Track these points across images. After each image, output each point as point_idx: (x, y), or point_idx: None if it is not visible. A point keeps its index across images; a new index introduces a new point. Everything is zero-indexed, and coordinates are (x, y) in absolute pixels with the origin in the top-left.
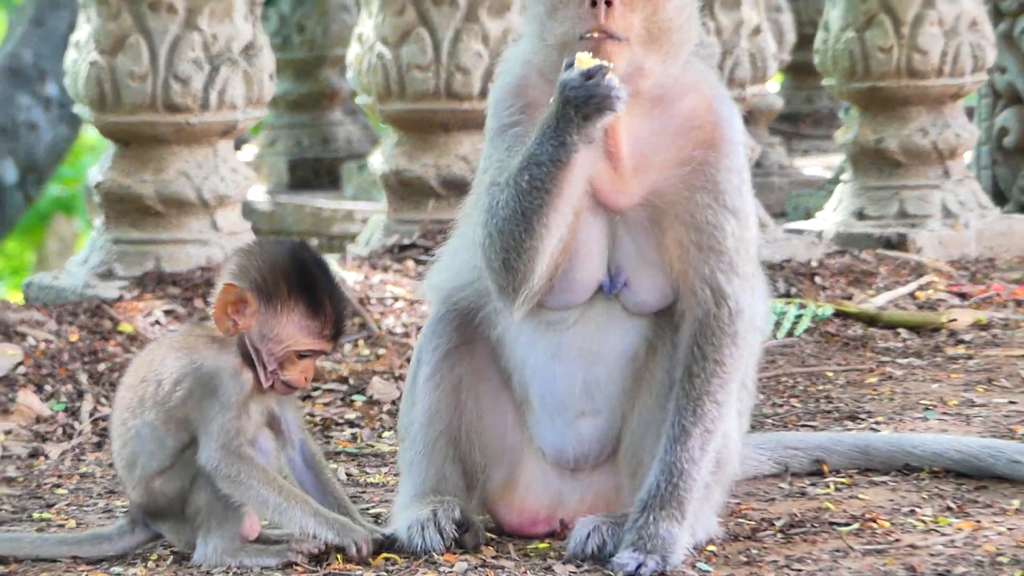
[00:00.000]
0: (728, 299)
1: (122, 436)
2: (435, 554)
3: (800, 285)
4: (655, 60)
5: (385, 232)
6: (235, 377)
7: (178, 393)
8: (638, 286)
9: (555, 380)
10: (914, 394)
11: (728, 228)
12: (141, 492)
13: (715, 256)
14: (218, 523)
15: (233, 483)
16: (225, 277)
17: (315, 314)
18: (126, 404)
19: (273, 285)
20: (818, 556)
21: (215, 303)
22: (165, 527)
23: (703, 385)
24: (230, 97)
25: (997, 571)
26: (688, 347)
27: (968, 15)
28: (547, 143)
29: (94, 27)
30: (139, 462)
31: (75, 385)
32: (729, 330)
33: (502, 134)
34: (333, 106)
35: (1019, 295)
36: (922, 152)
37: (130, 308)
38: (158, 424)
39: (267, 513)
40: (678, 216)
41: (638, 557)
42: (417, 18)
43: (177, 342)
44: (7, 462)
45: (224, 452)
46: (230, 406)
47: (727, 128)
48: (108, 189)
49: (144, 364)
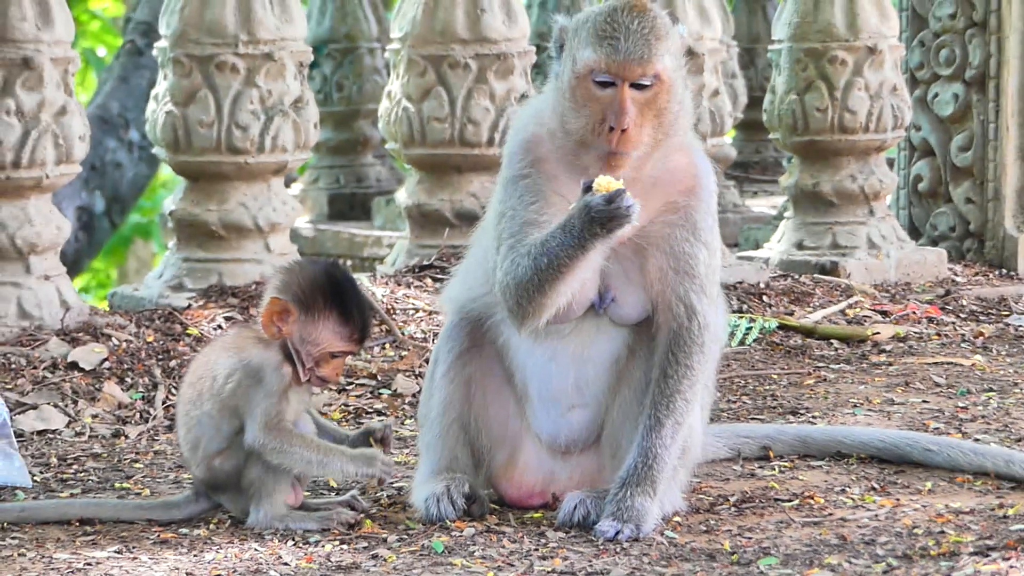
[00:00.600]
0: (698, 315)
1: (186, 424)
2: (447, 521)
3: (750, 303)
4: (656, 148)
5: (408, 255)
6: (277, 370)
7: (229, 385)
8: (623, 302)
9: (551, 379)
10: (844, 394)
11: (701, 257)
12: (203, 470)
13: (689, 279)
14: (268, 493)
15: (279, 453)
16: (271, 291)
17: (346, 321)
18: (188, 398)
19: (311, 298)
20: (765, 526)
21: (263, 312)
22: (224, 498)
23: (675, 384)
24: (281, 142)
25: (913, 540)
26: (664, 353)
27: (889, 82)
28: (570, 241)
29: (170, 83)
30: (201, 445)
31: (151, 378)
32: (698, 340)
33: (515, 183)
34: (366, 151)
35: (930, 313)
36: (851, 194)
37: (197, 315)
38: (215, 413)
39: (313, 469)
40: (659, 247)
41: (616, 525)
42: (436, 79)
43: (228, 343)
44: (94, 441)
45: (267, 429)
46: (272, 393)
47: (705, 180)
48: (180, 216)
49: (201, 364)
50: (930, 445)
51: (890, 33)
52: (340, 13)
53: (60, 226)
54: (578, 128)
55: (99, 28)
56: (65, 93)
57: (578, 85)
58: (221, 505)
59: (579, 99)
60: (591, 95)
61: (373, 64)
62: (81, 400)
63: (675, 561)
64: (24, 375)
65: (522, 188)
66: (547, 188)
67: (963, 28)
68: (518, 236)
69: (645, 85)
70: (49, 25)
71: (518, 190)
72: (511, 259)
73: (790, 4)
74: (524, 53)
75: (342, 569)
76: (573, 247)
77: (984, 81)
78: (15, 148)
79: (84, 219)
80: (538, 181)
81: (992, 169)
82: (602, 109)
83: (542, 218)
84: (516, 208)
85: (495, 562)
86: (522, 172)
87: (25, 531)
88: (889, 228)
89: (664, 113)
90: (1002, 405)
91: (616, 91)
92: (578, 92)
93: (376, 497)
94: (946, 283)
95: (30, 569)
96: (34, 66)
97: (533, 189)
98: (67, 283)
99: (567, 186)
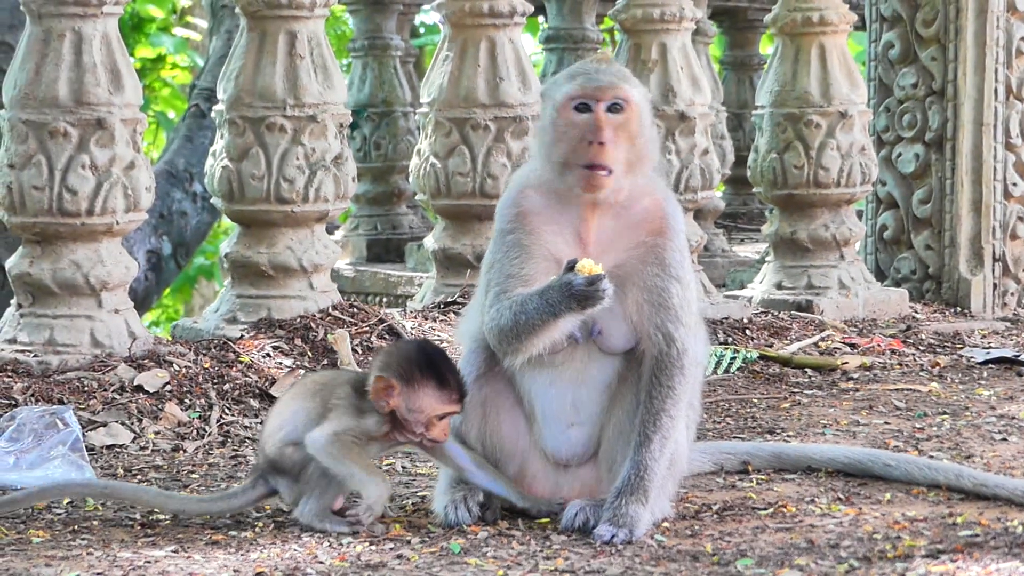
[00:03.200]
0: (676, 342)
1: (288, 410)
2: (464, 525)
3: (735, 335)
4: (628, 179)
5: (435, 293)
6: (377, 419)
7: (338, 398)
8: (609, 334)
9: (552, 400)
10: (816, 416)
11: (673, 291)
12: (276, 451)
13: (664, 311)
14: (320, 493)
15: (332, 458)
16: (375, 371)
17: (442, 387)
18: (300, 394)
19: (409, 372)
20: (743, 531)
21: (371, 390)
22: (282, 483)
23: (660, 404)
24: (323, 193)
25: (873, 544)
26: (648, 377)
27: (859, 143)
28: (547, 309)
29: (226, 141)
30: (285, 429)
31: (207, 399)
32: (678, 364)
33: (503, 237)
34: (400, 202)
35: (893, 346)
36: (824, 241)
37: (248, 344)
38: (313, 413)
39: (352, 483)
40: (635, 283)
41: (612, 530)
42: (460, 139)
43: (353, 383)
44: (156, 454)
45: (334, 436)
46: (359, 426)
47: (672, 220)
48: (234, 258)
49: (327, 378)
50: (889, 461)
51: (859, 100)
52: (378, 81)
53: (128, 266)
54: (561, 152)
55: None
56: (134, 150)
57: (558, 117)
58: (274, 493)
59: (560, 127)
60: (571, 121)
61: (407, 126)
62: (145, 419)
63: (663, 561)
64: (96, 397)
65: (508, 244)
66: (529, 241)
67: (923, 96)
68: (503, 287)
69: (619, 108)
70: (120, 90)
71: (505, 244)
72: (496, 308)
73: (772, 74)
74: (537, 116)
75: (371, 567)
76: (548, 314)
77: (942, 143)
78: (89, 198)
79: (153, 261)
80: (520, 236)
81: (948, 220)
82: (581, 132)
83: (523, 271)
84: (503, 261)
85: (505, 561)
86: (508, 227)
87: (94, 533)
88: (858, 271)
89: (636, 138)
90: (954, 426)
91: (592, 114)
92: (558, 123)
93: (402, 504)
94: (907, 319)
95: (96, 566)
96: (106, 126)
97: (517, 244)
98: (134, 316)
99: (546, 237)
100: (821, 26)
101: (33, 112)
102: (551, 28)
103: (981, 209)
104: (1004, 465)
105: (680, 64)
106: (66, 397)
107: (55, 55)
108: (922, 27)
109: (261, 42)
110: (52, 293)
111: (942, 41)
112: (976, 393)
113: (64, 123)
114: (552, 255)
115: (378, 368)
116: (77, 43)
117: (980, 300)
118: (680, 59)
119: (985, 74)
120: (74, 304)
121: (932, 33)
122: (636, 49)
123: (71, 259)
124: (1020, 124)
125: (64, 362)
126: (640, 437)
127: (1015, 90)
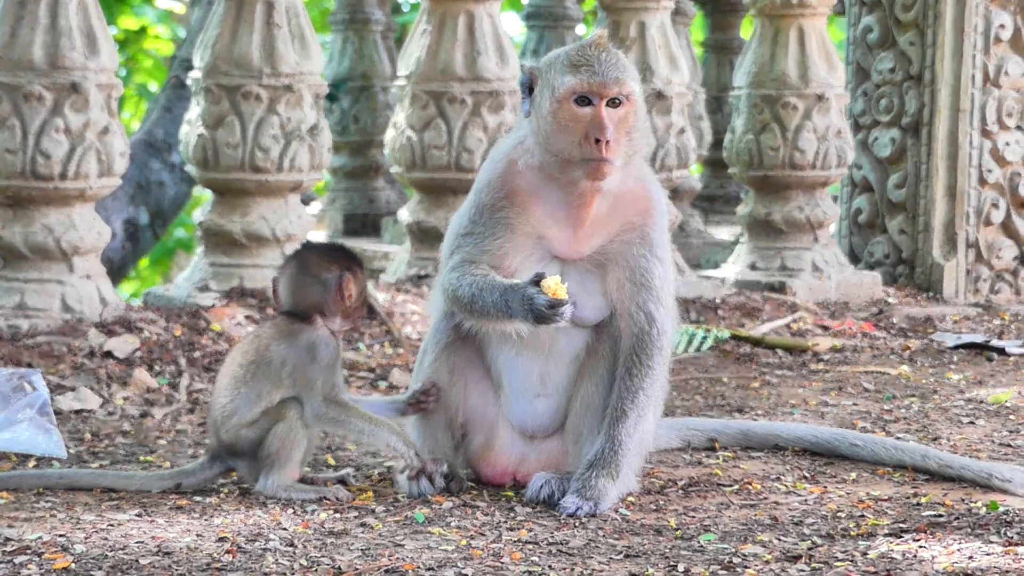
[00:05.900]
0: (656, 322)
1: (230, 395)
2: (428, 496)
3: (707, 315)
4: (626, 163)
5: (408, 266)
6: (327, 344)
7: (286, 369)
8: (582, 307)
9: (519, 371)
10: (785, 396)
11: (656, 272)
12: (232, 436)
13: (647, 291)
14: (280, 466)
15: (337, 423)
16: (318, 287)
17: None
18: (237, 376)
19: (341, 260)
20: (707, 507)
21: (336, 297)
22: (240, 463)
23: (639, 382)
24: (298, 163)
25: (836, 522)
26: (627, 355)
27: (835, 126)
28: (502, 309)
29: (202, 109)
30: (237, 414)
31: (176, 366)
32: (657, 344)
33: (491, 212)
34: (377, 176)
35: (865, 329)
36: (798, 223)
37: (219, 313)
38: (264, 392)
39: (364, 438)
40: (618, 263)
41: (577, 502)
42: (436, 112)
43: (278, 331)
44: (124, 420)
45: (327, 402)
46: (327, 367)
47: (657, 203)
48: (207, 226)
49: (252, 349)
50: (856, 441)
51: (837, 83)
52: (358, 55)
53: (101, 232)
54: (564, 147)
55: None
56: (108, 115)
57: (559, 108)
58: (230, 471)
59: (561, 121)
60: (572, 115)
61: (386, 100)
62: (114, 384)
63: (626, 535)
64: (65, 361)
65: (494, 222)
66: (517, 221)
67: (900, 81)
68: (473, 258)
69: (619, 103)
70: (95, 54)
71: (492, 220)
72: (459, 275)
73: (750, 55)
74: (514, 91)
75: (334, 534)
76: (503, 314)
77: (918, 127)
78: (62, 162)
79: (130, 231)
80: (509, 214)
81: (923, 205)
82: (583, 127)
83: (502, 250)
84: (483, 236)
85: (468, 532)
86: (497, 203)
87: (58, 496)
88: (831, 254)
89: (633, 131)
90: (922, 409)
91: (594, 109)
92: (559, 115)
93: (368, 474)
94: (880, 303)
95: (59, 528)
96: (81, 90)
97: (504, 222)
98: (106, 282)
99: (537, 218)
100: (800, 8)
101: (7, 75)
102: (532, 5)
103: (956, 195)
104: (970, 448)
105: (658, 43)
106: (35, 361)
107: (31, 18)
108: (901, 12)
109: (239, 10)
110: (23, 257)
111: (920, 26)
112: (945, 377)
113: (39, 86)
114: (537, 234)
115: (312, 280)
116: (53, 6)
117: (952, 285)
118: (659, 38)
119: (963, 60)
120: (45, 268)
121: (911, 18)
122: (615, 27)
123: (43, 223)
124: (997, 111)
125: (34, 326)
126: (616, 412)
127: (992, 77)
